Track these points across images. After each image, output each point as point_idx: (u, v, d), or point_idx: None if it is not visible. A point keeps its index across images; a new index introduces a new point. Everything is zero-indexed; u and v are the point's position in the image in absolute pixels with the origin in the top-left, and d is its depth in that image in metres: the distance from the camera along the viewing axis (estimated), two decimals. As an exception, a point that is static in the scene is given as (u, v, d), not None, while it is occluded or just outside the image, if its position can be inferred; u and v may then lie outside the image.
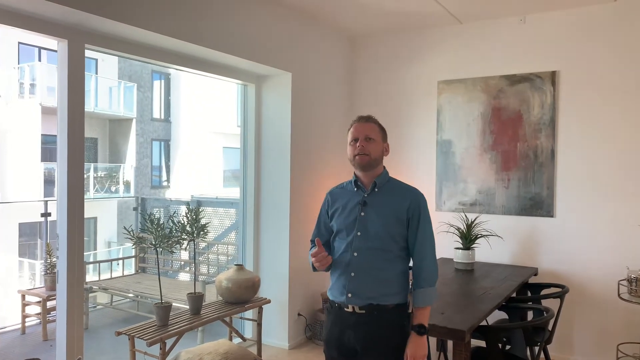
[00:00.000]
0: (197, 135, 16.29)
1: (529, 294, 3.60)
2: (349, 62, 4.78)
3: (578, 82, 3.81)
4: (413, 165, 4.48)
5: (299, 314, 4.22)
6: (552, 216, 3.90)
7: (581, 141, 3.80)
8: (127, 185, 14.88)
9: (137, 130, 15.36)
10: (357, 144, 2.06)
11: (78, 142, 2.88)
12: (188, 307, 3.37)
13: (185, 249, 3.42)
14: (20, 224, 11.65)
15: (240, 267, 3.62)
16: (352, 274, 2.02)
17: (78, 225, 2.89)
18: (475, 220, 3.87)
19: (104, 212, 13.90)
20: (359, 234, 2.04)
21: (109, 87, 14.77)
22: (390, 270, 2.02)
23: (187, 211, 3.35)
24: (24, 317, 5.49)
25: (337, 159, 4.63)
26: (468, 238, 3.75)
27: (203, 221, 3.39)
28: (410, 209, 2.03)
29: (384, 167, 2.14)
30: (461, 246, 3.78)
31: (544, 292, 3.51)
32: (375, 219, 2.03)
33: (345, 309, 2.03)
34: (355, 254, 2.03)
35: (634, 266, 3.48)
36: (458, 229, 3.84)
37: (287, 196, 4.07)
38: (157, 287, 5.79)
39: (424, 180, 4.41)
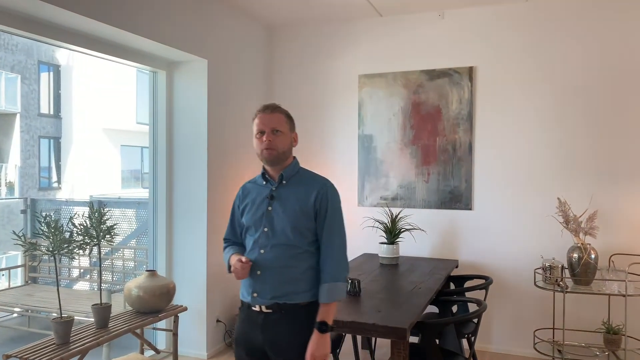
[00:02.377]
0: (91, 132, 15.08)
1: (453, 287, 3.63)
2: (268, 52, 4.57)
3: (493, 78, 3.92)
4: (335, 160, 4.37)
5: (217, 320, 3.93)
6: (470, 209, 3.98)
7: (496, 135, 3.92)
8: (10, 187, 13.41)
9: (21, 127, 13.92)
10: (264, 138, 1.95)
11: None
12: (93, 320, 2.98)
13: (89, 255, 3.01)
14: None
15: (152, 272, 3.28)
16: (258, 273, 1.93)
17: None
18: (399, 214, 3.85)
19: (-18, 217, 12.38)
20: (265, 229, 1.95)
21: (-14, 78, 13.22)
22: (297, 267, 1.92)
23: (90, 212, 2.95)
24: None
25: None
26: (393, 232, 3.70)
27: (109, 223, 3.01)
28: (317, 200, 1.94)
29: (294, 157, 2.06)
30: (386, 241, 3.73)
31: (468, 284, 3.56)
32: (281, 214, 1.94)
33: (253, 307, 1.95)
34: (262, 252, 1.94)
35: (547, 255, 3.64)
36: (382, 223, 3.79)
37: (204, 195, 3.77)
38: (51, 299, 5.15)
39: (346, 176, 4.32)
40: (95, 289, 5.62)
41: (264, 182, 2.03)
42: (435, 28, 4.07)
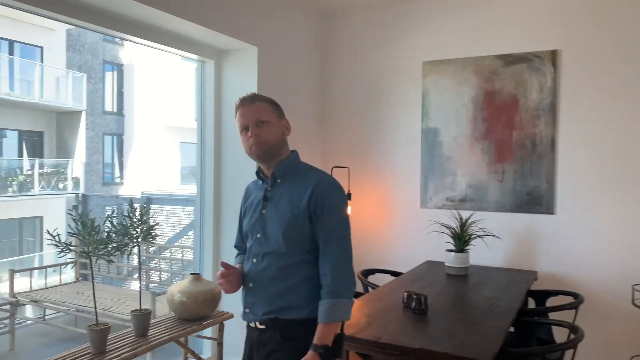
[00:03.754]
0: (152, 129, 15.42)
1: (533, 303, 3.16)
2: (322, 39, 4.23)
3: (582, 63, 3.39)
4: (395, 157, 3.98)
5: (266, 329, 3.65)
6: (552, 213, 3.48)
7: (585, 129, 3.39)
8: (76, 182, 13.87)
9: (87, 124, 14.42)
10: (249, 133, 1.72)
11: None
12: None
13: (128, 257, 2.80)
14: None
15: (196, 276, 3.03)
16: (250, 285, 1.75)
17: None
18: (469, 218, 3.40)
19: (51, 211, 12.90)
20: (258, 236, 1.75)
21: (56, 77, 13.76)
22: (291, 278, 1.65)
23: (130, 210, 2.72)
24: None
25: (310, 147, 4.09)
26: (462, 239, 3.27)
27: (151, 221, 2.77)
28: (312, 199, 1.66)
29: (294, 151, 1.81)
30: (454, 248, 3.30)
31: (551, 301, 3.08)
32: (274, 217, 1.72)
33: (250, 324, 1.78)
34: (254, 261, 1.75)
35: (648, 269, 3.10)
36: (449, 227, 3.36)
37: (252, 192, 3.49)
38: (100, 298, 5.04)
39: (407, 174, 3.92)
40: (145, 289, 5.51)
41: (261, 182, 1.82)
42: (512, 6, 3.58)
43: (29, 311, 5.61)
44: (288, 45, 3.81)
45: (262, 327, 1.71)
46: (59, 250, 2.52)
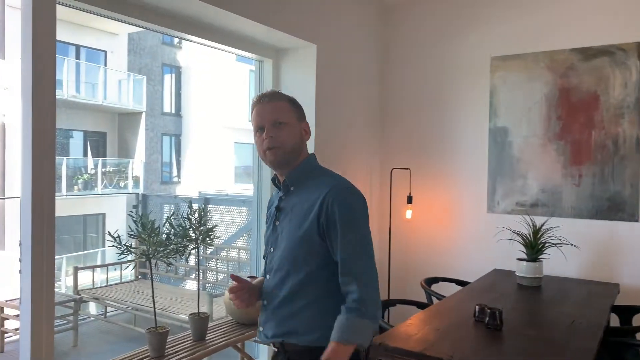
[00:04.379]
0: (208, 130, 15.74)
1: (618, 321, 2.88)
2: (382, 34, 4.08)
3: (673, 55, 3.07)
4: (460, 158, 3.77)
5: (323, 335, 3.53)
6: (636, 220, 3.17)
7: (677, 128, 3.07)
8: (136, 180, 14.35)
9: (146, 125, 14.89)
10: (264, 134, 1.53)
11: (46, 127, 2.20)
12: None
13: (187, 259, 2.76)
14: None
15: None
16: (265, 302, 1.60)
17: (47, 230, 2.22)
18: (544, 224, 3.15)
19: (113, 208, 13.41)
20: (272, 249, 1.60)
21: (118, 80, 14.29)
22: (301, 298, 1.46)
23: (189, 212, 2.68)
24: (3, 333, 4.80)
25: (369, 148, 3.94)
26: (535, 247, 3.03)
27: (210, 223, 2.73)
28: (322, 210, 1.45)
29: (311, 154, 1.62)
30: (526, 257, 3.07)
31: (637, 318, 2.79)
32: (285, 230, 1.55)
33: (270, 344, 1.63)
34: (268, 277, 1.60)
35: None
36: (520, 234, 3.12)
37: (310, 194, 3.39)
38: (158, 297, 5.11)
39: (473, 176, 3.70)
40: (202, 289, 5.53)
41: (277, 190, 1.65)
42: (593, -5, 3.30)
43: (92, 307, 5.78)
44: (347, 42, 3.68)
45: (275, 349, 1.60)
46: (120, 252, 2.51)
